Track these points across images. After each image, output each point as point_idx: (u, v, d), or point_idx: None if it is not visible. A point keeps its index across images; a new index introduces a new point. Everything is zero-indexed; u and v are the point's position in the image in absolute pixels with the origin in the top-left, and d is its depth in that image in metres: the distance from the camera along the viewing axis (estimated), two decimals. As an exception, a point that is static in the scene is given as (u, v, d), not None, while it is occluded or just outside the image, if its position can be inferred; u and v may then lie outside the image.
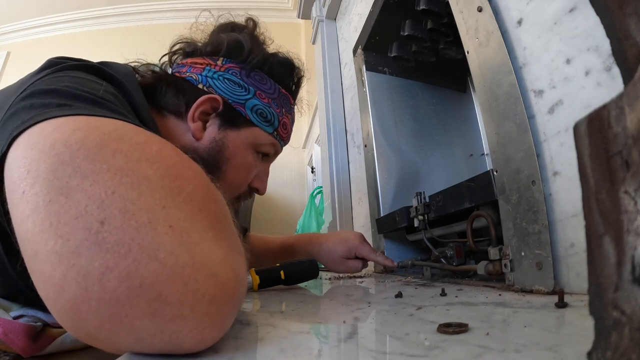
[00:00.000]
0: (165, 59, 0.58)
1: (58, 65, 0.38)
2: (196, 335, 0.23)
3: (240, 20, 0.61)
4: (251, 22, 0.60)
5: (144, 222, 0.22)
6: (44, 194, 0.23)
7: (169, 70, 0.58)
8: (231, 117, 0.54)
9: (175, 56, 0.59)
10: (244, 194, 0.60)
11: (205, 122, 0.54)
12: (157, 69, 0.57)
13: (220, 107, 0.54)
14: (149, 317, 0.21)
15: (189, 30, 0.60)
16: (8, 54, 3.17)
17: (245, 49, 0.56)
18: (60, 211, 0.22)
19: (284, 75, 0.60)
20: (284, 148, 0.63)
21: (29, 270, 0.24)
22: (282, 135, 0.60)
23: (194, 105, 0.53)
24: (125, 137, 0.27)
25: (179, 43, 0.59)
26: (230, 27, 0.59)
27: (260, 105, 0.56)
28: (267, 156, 0.60)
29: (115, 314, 0.21)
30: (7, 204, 0.26)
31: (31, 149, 0.25)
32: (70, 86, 0.33)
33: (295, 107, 0.66)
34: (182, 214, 0.24)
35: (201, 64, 0.55)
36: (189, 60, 0.57)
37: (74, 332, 0.23)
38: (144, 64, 0.56)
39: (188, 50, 0.58)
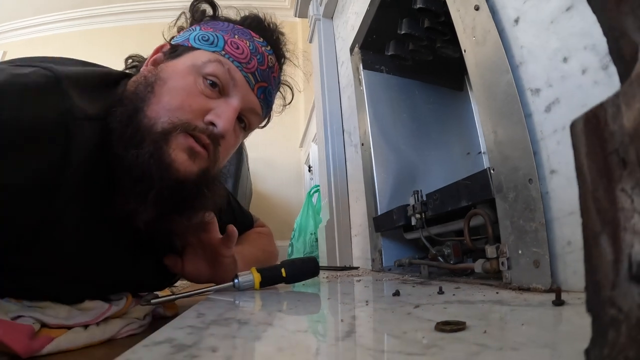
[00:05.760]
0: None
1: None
2: None
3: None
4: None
5: None
6: None
7: None
8: (174, 50, 0.56)
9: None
10: (193, 125, 0.49)
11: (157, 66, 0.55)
12: None
13: (168, 47, 0.56)
14: None
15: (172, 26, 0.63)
16: (4, 53, 3.15)
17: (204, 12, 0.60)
18: None
19: (241, 20, 0.60)
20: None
21: None
22: (233, 54, 0.54)
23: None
24: None
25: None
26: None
27: (203, 32, 0.56)
28: (216, 85, 0.52)
29: None
30: None
31: None
32: None
33: (287, 60, 0.64)
34: None
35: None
36: None
37: None
38: None
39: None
